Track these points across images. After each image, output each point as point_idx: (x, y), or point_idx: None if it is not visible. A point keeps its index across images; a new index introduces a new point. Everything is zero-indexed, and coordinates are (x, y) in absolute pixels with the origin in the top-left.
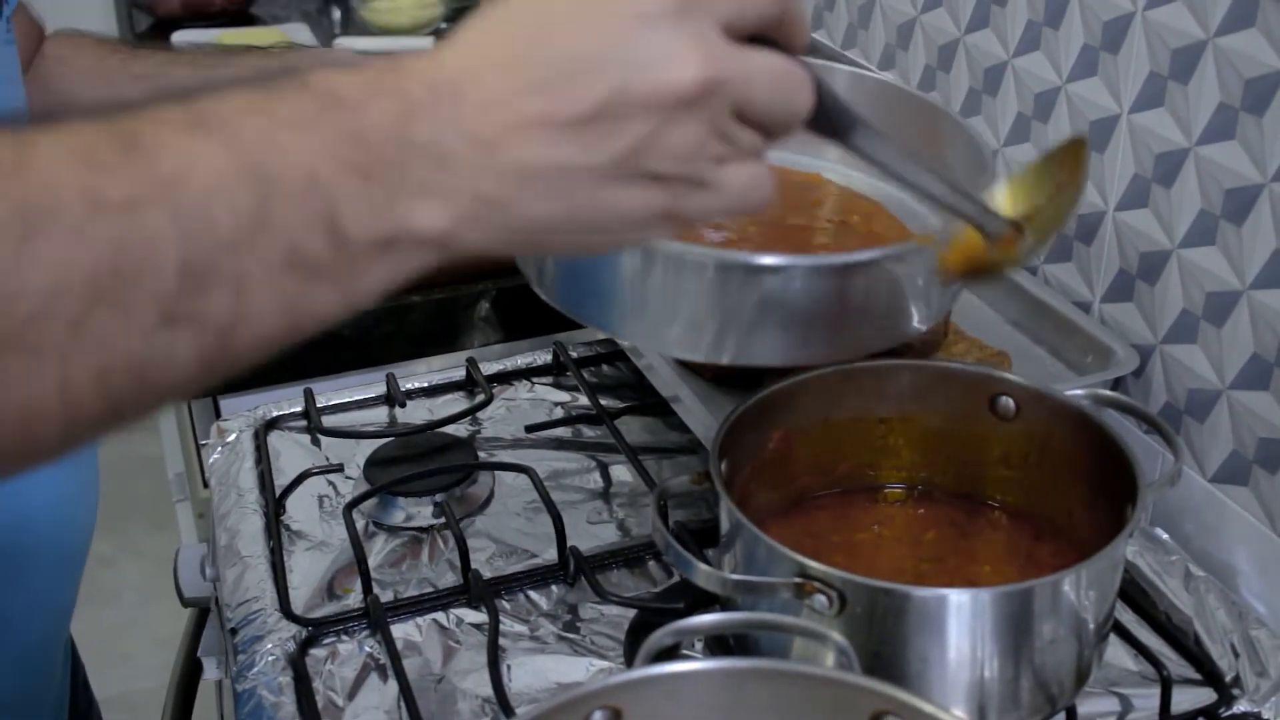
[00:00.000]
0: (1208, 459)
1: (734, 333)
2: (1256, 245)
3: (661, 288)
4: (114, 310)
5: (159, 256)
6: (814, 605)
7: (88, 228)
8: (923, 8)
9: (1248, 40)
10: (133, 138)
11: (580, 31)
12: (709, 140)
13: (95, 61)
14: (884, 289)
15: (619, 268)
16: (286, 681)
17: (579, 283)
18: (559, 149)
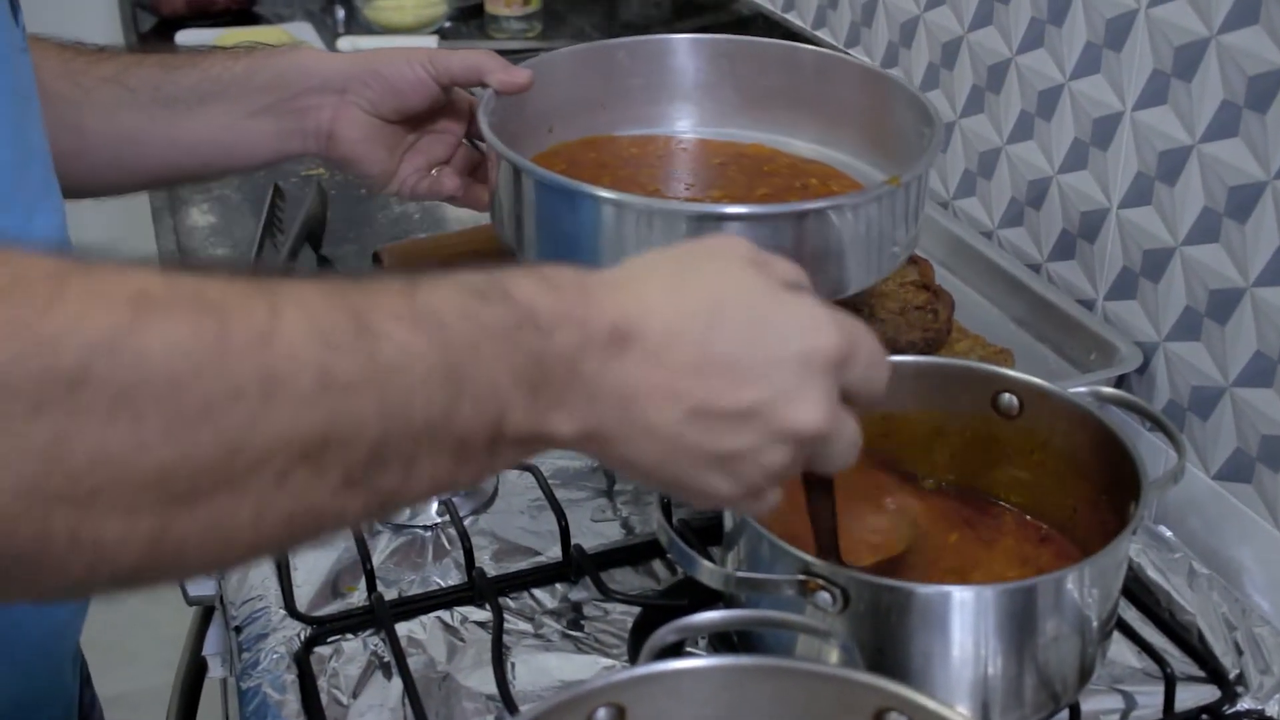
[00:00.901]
0: (1211, 456)
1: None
2: (1260, 242)
3: (640, 243)
4: (312, 470)
5: (361, 433)
6: (817, 602)
7: (315, 401)
8: (926, 6)
9: (1251, 37)
10: (365, 323)
11: (755, 341)
12: (787, 467)
13: (60, 64)
14: (865, 229)
15: (598, 228)
16: (291, 680)
17: (557, 242)
18: (683, 427)
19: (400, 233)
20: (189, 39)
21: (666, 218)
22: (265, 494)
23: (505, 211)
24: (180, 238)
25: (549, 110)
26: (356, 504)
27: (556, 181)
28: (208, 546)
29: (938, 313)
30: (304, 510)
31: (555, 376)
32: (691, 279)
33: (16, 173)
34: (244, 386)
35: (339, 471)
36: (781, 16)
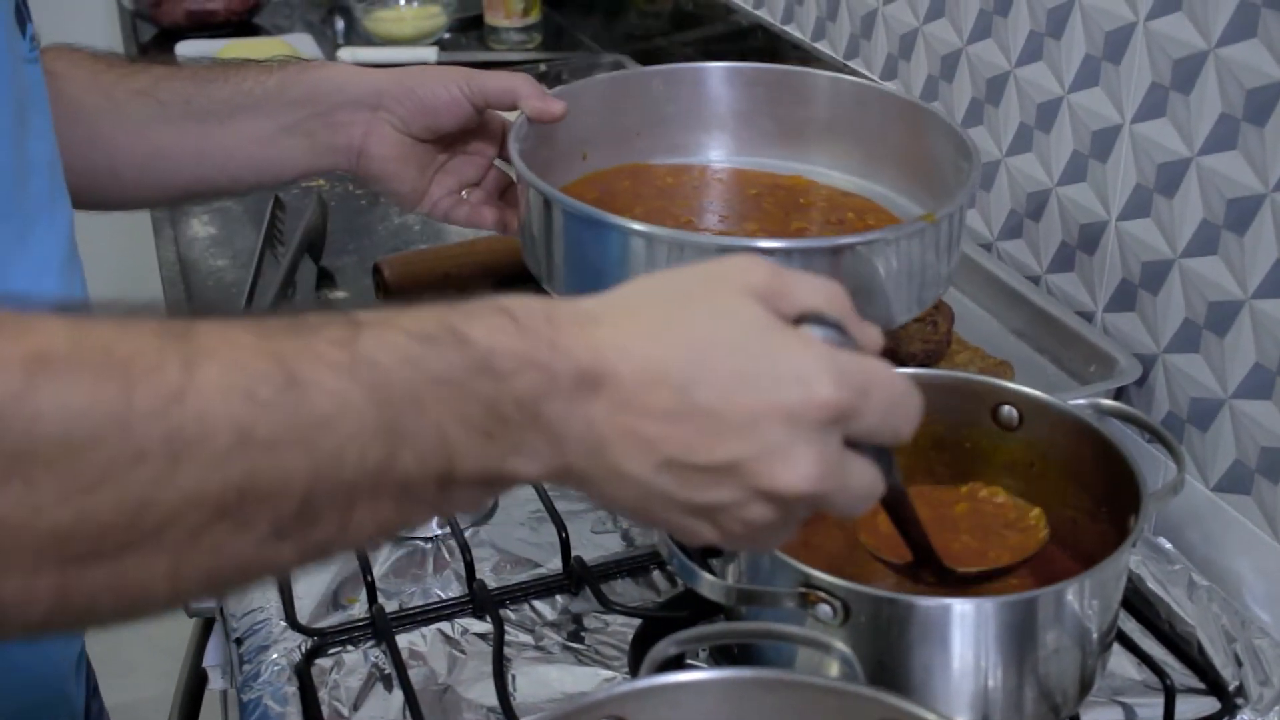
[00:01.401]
0: (1210, 468)
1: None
2: (1258, 255)
3: None
4: (232, 526)
5: (285, 490)
6: (818, 615)
7: (230, 458)
8: (925, 18)
9: (1249, 51)
10: (291, 375)
11: (740, 391)
12: (779, 523)
13: (91, 76)
14: (900, 264)
15: (631, 262)
16: (292, 692)
17: (585, 274)
18: (658, 477)
19: (400, 244)
20: (189, 50)
21: (696, 251)
22: (179, 551)
23: (535, 242)
24: (181, 249)
25: (583, 137)
26: (289, 554)
27: (586, 212)
28: (122, 601)
29: (937, 325)
30: (227, 564)
31: (512, 422)
32: (681, 316)
33: (14, 185)
34: (148, 449)
35: (266, 525)
36: (780, 29)
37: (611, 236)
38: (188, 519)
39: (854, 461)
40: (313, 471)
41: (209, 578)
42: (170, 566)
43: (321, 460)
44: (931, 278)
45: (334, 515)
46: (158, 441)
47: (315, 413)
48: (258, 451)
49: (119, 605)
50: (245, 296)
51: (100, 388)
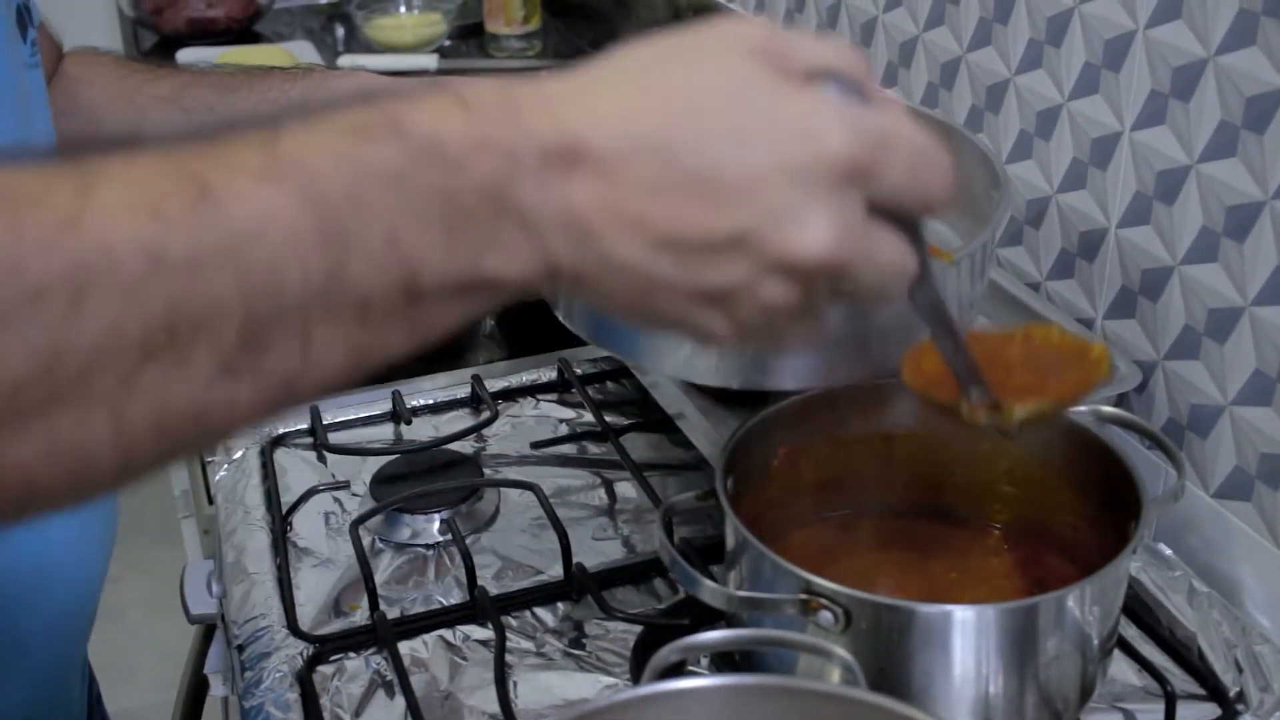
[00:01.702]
0: (1210, 475)
1: (763, 357)
2: (1258, 262)
3: None
4: (168, 365)
5: (219, 316)
6: (819, 621)
7: (144, 287)
8: (925, 26)
9: (1249, 58)
10: (203, 186)
11: (739, 151)
12: (798, 305)
13: (115, 81)
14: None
15: None
16: (294, 698)
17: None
18: (655, 260)
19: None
20: (189, 57)
21: None
22: (115, 402)
23: None
24: None
25: None
26: (248, 392)
27: None
28: (62, 469)
29: None
30: (176, 412)
31: (477, 214)
32: (662, 79)
33: None
34: (46, 285)
35: (207, 361)
36: None
37: None
38: (112, 362)
39: (878, 229)
40: (246, 292)
41: (159, 430)
42: (110, 422)
43: (254, 278)
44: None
45: (288, 342)
46: (56, 275)
47: (237, 225)
48: (175, 276)
49: (59, 475)
50: None
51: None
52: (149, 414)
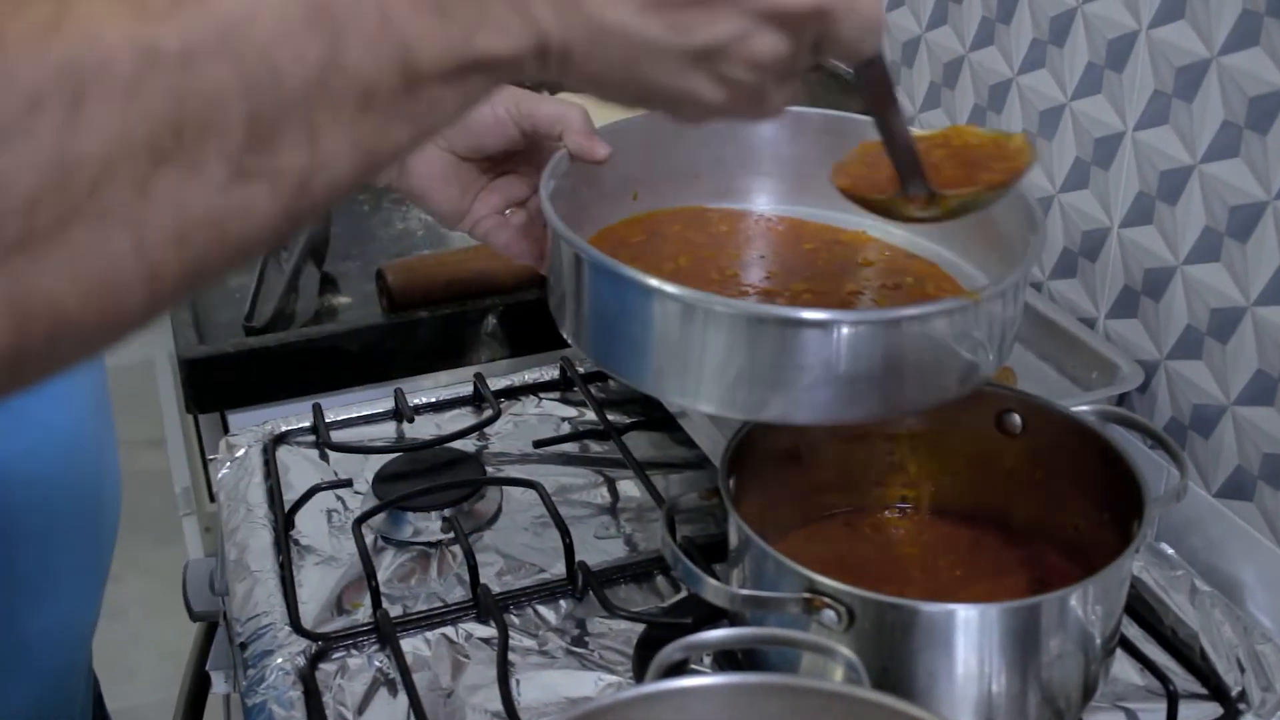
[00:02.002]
0: (1212, 474)
1: (778, 390)
2: (1261, 262)
3: (703, 343)
4: (181, 169)
5: (223, 111)
6: (822, 620)
7: (141, 85)
8: (928, 25)
9: (1252, 59)
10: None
11: None
12: (786, 58)
13: None
14: (929, 345)
15: (657, 323)
16: (296, 696)
17: (614, 335)
18: (647, 22)
19: (403, 249)
20: None
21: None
22: (132, 213)
23: (559, 290)
24: None
25: (634, 175)
26: (264, 196)
27: (608, 265)
28: (88, 296)
29: None
30: (195, 219)
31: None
32: None
33: None
34: (42, 92)
35: (218, 163)
36: None
37: (631, 293)
38: (123, 170)
39: None
40: (245, 84)
41: (181, 242)
42: (130, 237)
43: (250, 67)
44: (973, 354)
45: (296, 138)
46: (49, 80)
47: (223, 13)
48: (171, 72)
49: (87, 303)
50: (249, 302)
51: None
52: (168, 225)
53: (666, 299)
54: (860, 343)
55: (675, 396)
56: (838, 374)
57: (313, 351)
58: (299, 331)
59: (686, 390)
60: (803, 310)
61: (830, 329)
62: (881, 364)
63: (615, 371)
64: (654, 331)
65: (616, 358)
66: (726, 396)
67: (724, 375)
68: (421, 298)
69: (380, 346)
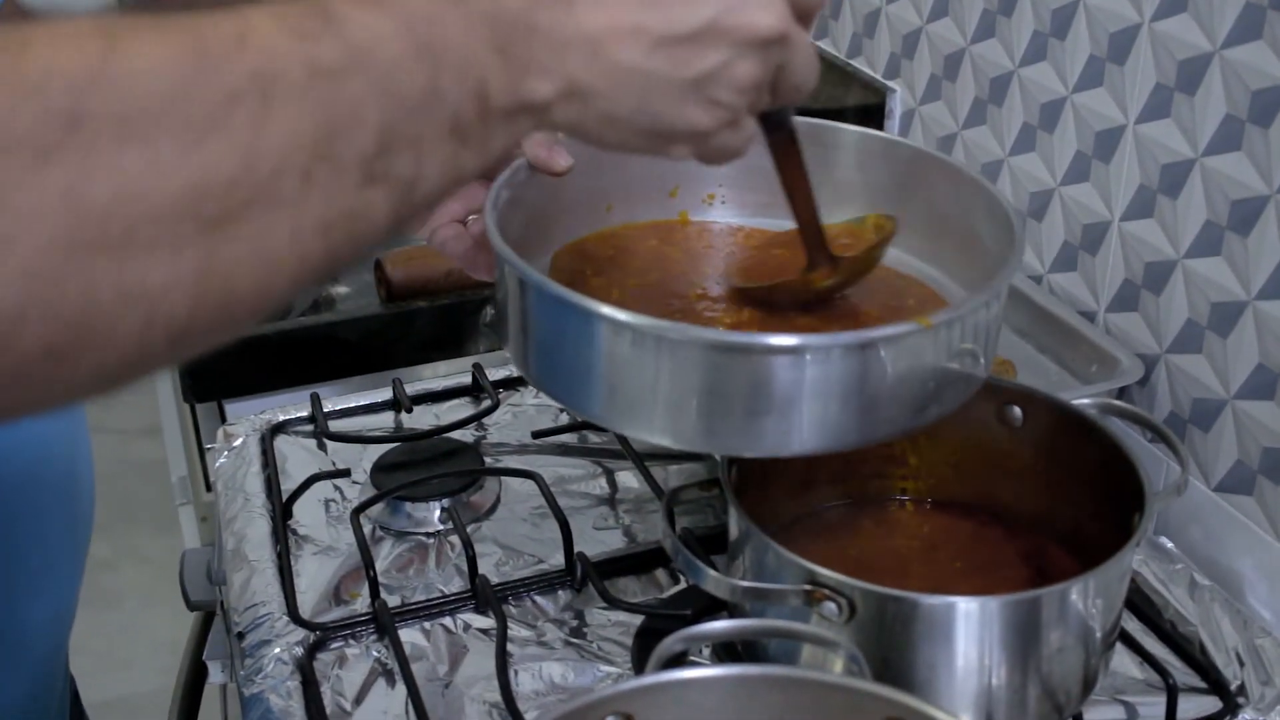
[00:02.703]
0: (1212, 468)
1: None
2: (1262, 256)
3: (653, 371)
4: (331, 166)
5: (363, 119)
6: (823, 612)
7: (310, 91)
8: (929, 17)
9: (1254, 52)
10: (328, 12)
11: None
12: (759, 83)
13: None
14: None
15: (600, 350)
16: (294, 686)
17: (557, 361)
18: (651, 59)
19: (402, 240)
20: None
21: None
22: (296, 201)
23: (504, 317)
24: None
25: (609, 186)
26: (382, 199)
27: (553, 292)
28: (255, 274)
29: None
30: (336, 214)
31: (517, 36)
32: None
33: None
34: (239, 88)
35: (355, 164)
36: None
37: (571, 318)
38: (295, 160)
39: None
40: (379, 98)
41: (325, 234)
42: (291, 222)
43: (381, 85)
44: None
45: (408, 150)
46: (243, 79)
47: (358, 41)
48: (327, 83)
49: (253, 281)
50: None
51: (173, 41)
52: (318, 215)
53: (608, 324)
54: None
55: (625, 429)
56: (788, 403)
57: (311, 341)
58: (297, 321)
59: (637, 422)
60: (752, 336)
61: (784, 355)
62: (837, 393)
63: (561, 399)
64: (597, 358)
65: (561, 385)
66: (679, 428)
67: (675, 405)
68: (420, 287)
69: (379, 336)
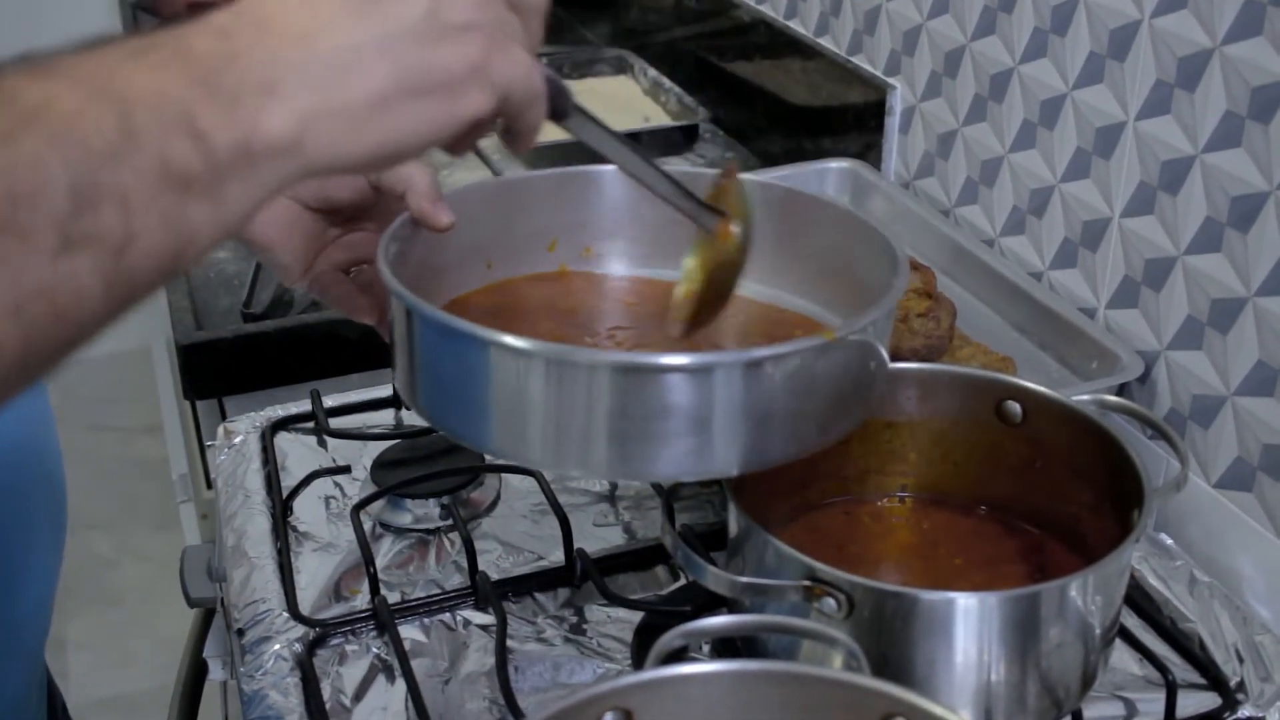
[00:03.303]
0: (1212, 465)
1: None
2: (1262, 252)
3: (546, 397)
4: (15, 237)
5: (47, 177)
6: (822, 608)
7: None
8: (929, 14)
9: (1255, 48)
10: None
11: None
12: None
13: None
14: (786, 389)
15: (495, 380)
16: (294, 682)
17: (451, 397)
18: (367, 22)
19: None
20: None
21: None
22: None
23: (396, 351)
24: None
25: (486, 242)
26: (88, 267)
27: (441, 320)
28: None
29: (939, 320)
30: (29, 291)
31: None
32: None
33: None
34: None
35: (47, 230)
36: (784, 24)
37: (469, 350)
38: None
39: None
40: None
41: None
42: None
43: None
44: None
45: (111, 205)
46: None
47: (27, 105)
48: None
49: None
50: (247, 288)
51: None
52: (7, 299)
53: (507, 353)
54: (714, 389)
55: (530, 461)
56: (692, 423)
57: (311, 338)
58: (297, 318)
59: (535, 453)
60: (654, 356)
61: (683, 374)
62: (739, 411)
63: (459, 437)
64: (493, 389)
65: (460, 421)
66: (599, 458)
67: (583, 433)
68: None
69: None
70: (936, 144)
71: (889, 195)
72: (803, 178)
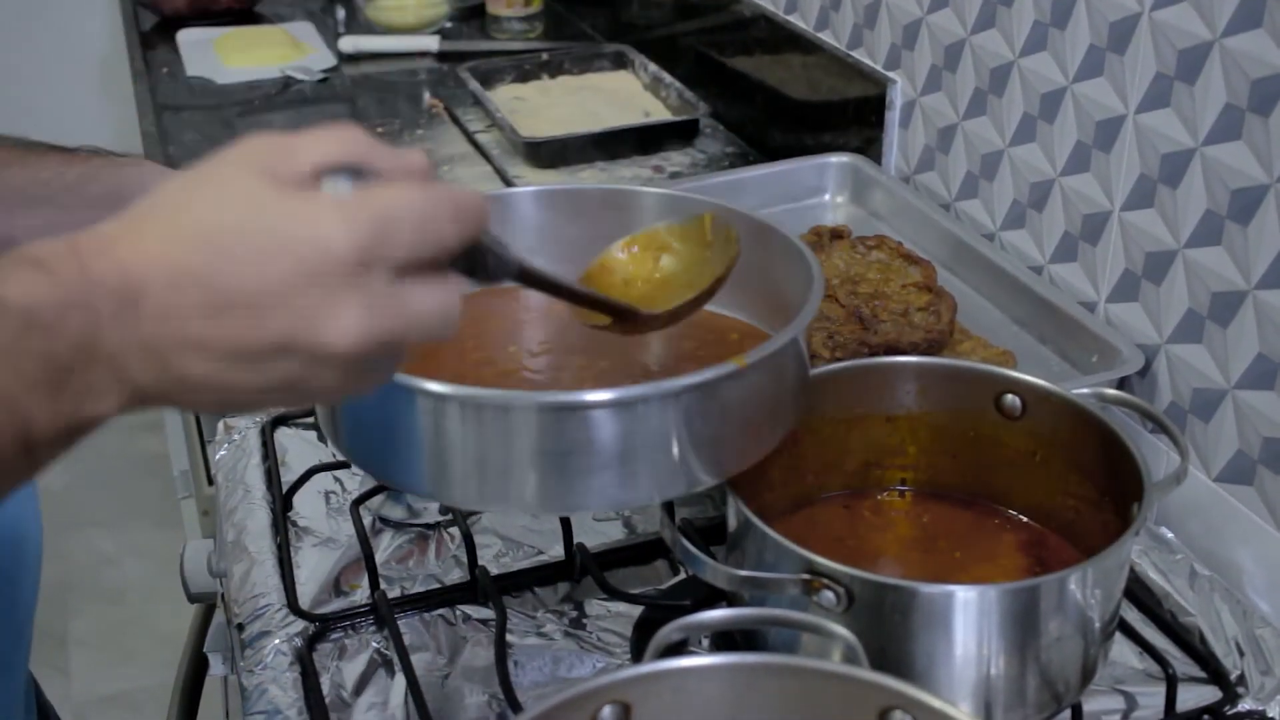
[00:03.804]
0: (1212, 458)
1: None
2: (1262, 245)
3: (465, 438)
4: None
5: None
6: (822, 602)
7: None
8: (929, 8)
9: (1255, 41)
10: None
11: (263, 265)
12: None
13: None
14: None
15: (418, 421)
16: (294, 677)
17: (373, 436)
18: (223, 372)
19: None
20: (190, 38)
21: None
22: None
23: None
24: None
25: None
26: None
27: None
28: None
29: (940, 314)
30: None
31: (75, 367)
32: (190, 209)
33: None
34: None
35: None
36: (784, 19)
37: (387, 393)
38: None
39: (412, 291)
40: None
41: None
42: None
43: None
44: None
45: None
46: None
47: None
48: None
49: None
50: None
51: None
52: None
53: (424, 397)
54: (633, 422)
55: (450, 500)
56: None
57: None
58: None
59: (458, 493)
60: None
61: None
62: (659, 441)
63: (381, 478)
64: (414, 431)
65: (380, 464)
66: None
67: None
68: None
69: None
70: (937, 138)
71: (889, 189)
72: (803, 172)
